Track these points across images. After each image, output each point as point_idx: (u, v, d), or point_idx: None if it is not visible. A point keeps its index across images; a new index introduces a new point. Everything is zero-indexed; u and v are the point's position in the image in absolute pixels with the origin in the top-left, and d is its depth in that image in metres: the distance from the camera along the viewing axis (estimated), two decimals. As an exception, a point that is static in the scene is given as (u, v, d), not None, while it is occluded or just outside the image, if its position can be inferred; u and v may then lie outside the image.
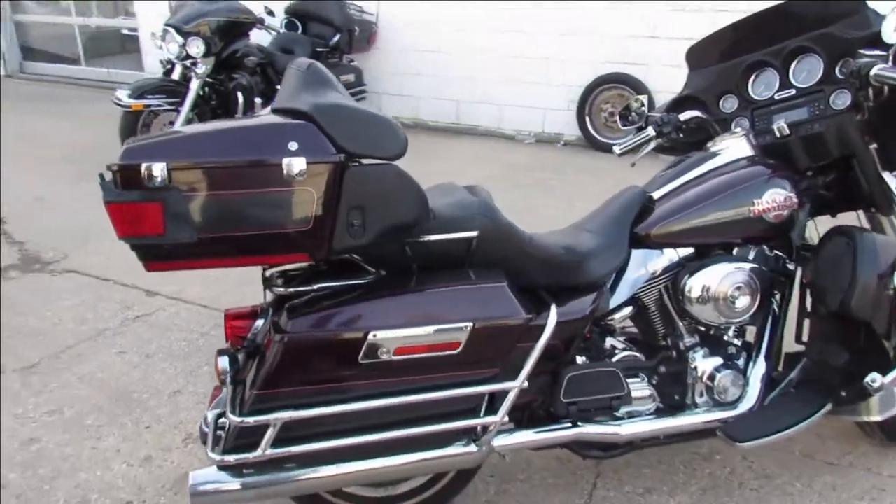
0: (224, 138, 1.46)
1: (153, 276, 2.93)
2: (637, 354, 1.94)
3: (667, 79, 5.50)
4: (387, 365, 1.51)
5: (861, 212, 2.07)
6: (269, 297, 1.70)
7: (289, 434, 1.51)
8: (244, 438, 1.50)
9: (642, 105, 2.23)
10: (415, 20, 6.40)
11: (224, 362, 1.54)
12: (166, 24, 4.80)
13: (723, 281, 1.83)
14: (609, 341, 1.95)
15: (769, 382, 1.95)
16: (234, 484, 1.57)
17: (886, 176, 1.95)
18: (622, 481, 2.12)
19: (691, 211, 1.87)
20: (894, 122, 1.87)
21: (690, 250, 1.92)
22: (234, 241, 1.45)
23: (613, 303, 1.90)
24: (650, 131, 2.16)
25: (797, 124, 1.96)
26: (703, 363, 1.91)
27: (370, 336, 1.49)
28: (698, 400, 1.93)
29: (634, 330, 2.02)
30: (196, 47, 4.70)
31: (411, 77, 6.59)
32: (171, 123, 4.87)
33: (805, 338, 2.04)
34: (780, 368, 2.04)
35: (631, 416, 1.88)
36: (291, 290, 1.62)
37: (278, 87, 5.47)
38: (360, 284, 1.62)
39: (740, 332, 1.99)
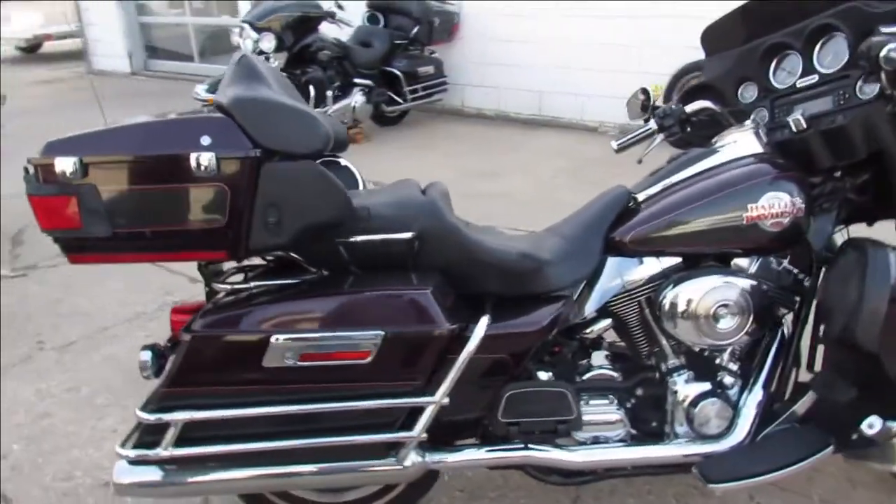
0: (140, 133, 1.45)
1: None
2: (612, 373, 1.75)
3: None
4: (291, 370, 1.44)
5: None
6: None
7: (193, 434, 1.48)
8: (149, 435, 1.48)
9: (646, 94, 2.00)
10: (498, 10, 6.25)
11: (146, 356, 1.53)
12: (242, 21, 4.97)
13: (705, 297, 1.61)
14: (582, 357, 1.78)
15: (767, 415, 1.70)
16: (156, 478, 1.56)
17: (918, 179, 1.63)
18: (602, 509, 1.94)
19: (674, 216, 1.66)
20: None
21: (677, 260, 1.70)
22: (148, 236, 1.43)
23: (587, 315, 1.73)
24: (652, 124, 1.94)
25: (817, 116, 1.68)
26: (686, 388, 1.70)
27: (272, 339, 1.42)
28: (678, 430, 1.72)
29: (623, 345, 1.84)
30: (268, 42, 4.83)
31: (493, 67, 6.45)
32: (246, 116, 5.03)
33: (818, 367, 1.77)
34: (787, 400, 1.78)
35: (597, 441, 1.71)
36: (226, 286, 1.60)
37: (356, 80, 5.57)
38: (289, 285, 1.57)
39: (739, 357, 1.75)
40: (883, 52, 1.41)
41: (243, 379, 1.46)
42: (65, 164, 1.38)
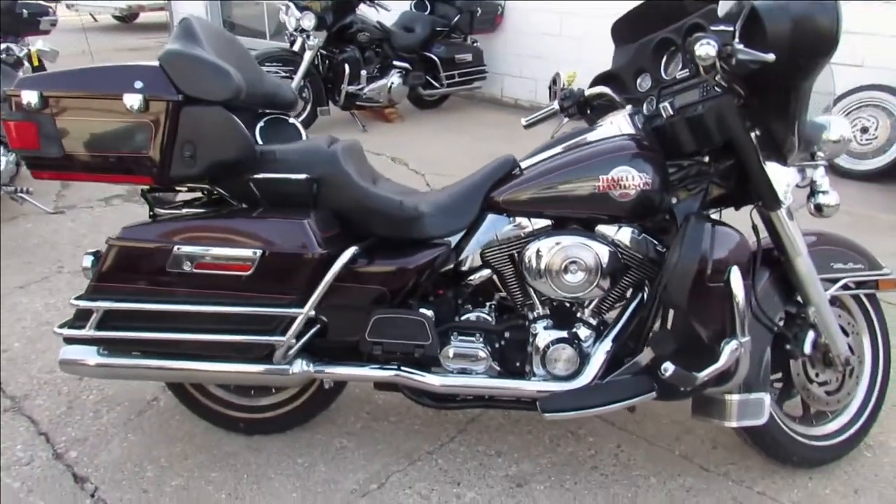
0: (90, 75, 1.81)
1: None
2: (486, 317, 2.00)
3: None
4: (189, 276, 1.77)
5: (753, 207, 1.92)
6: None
7: (113, 322, 1.83)
8: (80, 320, 1.84)
9: (554, 80, 2.22)
10: (541, 5, 6.43)
11: (87, 261, 1.88)
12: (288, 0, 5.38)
13: (557, 253, 1.84)
14: (462, 301, 2.03)
15: (615, 364, 1.91)
16: (92, 360, 1.93)
17: (769, 166, 1.80)
18: (479, 441, 2.18)
19: (541, 181, 1.89)
20: (771, 105, 1.73)
21: (547, 222, 1.93)
22: (91, 160, 1.79)
23: (466, 261, 1.99)
24: (555, 105, 2.16)
25: (685, 106, 1.87)
26: (543, 334, 1.93)
27: (174, 249, 1.76)
28: (537, 370, 1.95)
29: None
30: (308, 21, 5.20)
31: (532, 60, 6.64)
32: (285, 89, 5.44)
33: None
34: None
35: (463, 372, 1.96)
36: (163, 211, 1.95)
37: (395, 62, 5.89)
38: (206, 212, 1.90)
39: (600, 312, 1.96)
40: (696, 50, 1.60)
41: (151, 280, 1.79)
42: (29, 97, 1.75)
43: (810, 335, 1.92)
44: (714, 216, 1.96)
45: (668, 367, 1.75)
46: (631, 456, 2.13)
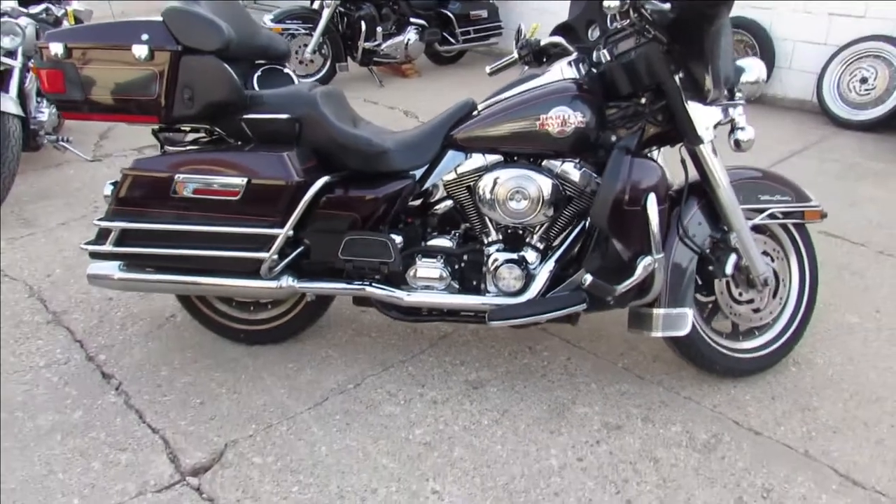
0: (106, 29, 2.14)
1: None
2: (447, 242, 2.28)
3: (793, 25, 5.15)
4: (189, 200, 2.10)
5: (681, 144, 2.14)
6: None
7: (130, 241, 2.17)
8: (100, 238, 2.20)
9: (517, 31, 2.44)
10: (557, -41, 6.52)
11: (107, 189, 2.23)
12: (307, -41, 5.62)
13: (502, 184, 2.10)
14: (428, 229, 2.32)
15: (558, 282, 2.19)
16: (115, 275, 2.29)
17: (691, 105, 2.02)
18: (447, 353, 2.49)
19: (491, 119, 2.15)
20: (689, 50, 1.94)
21: (499, 158, 2.19)
22: (107, 102, 2.12)
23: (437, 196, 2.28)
24: (514, 54, 2.40)
25: (620, 53, 2.10)
26: (495, 256, 2.21)
27: (176, 177, 2.08)
28: (490, 288, 2.23)
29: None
30: (324, -22, 5.46)
31: (548, 15, 6.74)
32: (305, 46, 5.72)
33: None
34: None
35: (427, 289, 2.26)
36: (170, 147, 2.28)
37: (411, 18, 6.11)
38: (204, 147, 2.23)
39: (547, 238, 2.23)
40: (604, 1, 1.83)
41: (158, 204, 2.13)
42: (56, 48, 2.08)
43: (732, 258, 2.16)
44: (654, 153, 2.22)
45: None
46: (578, 367, 2.41)
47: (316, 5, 5.72)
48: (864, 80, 4.70)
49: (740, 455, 2.02)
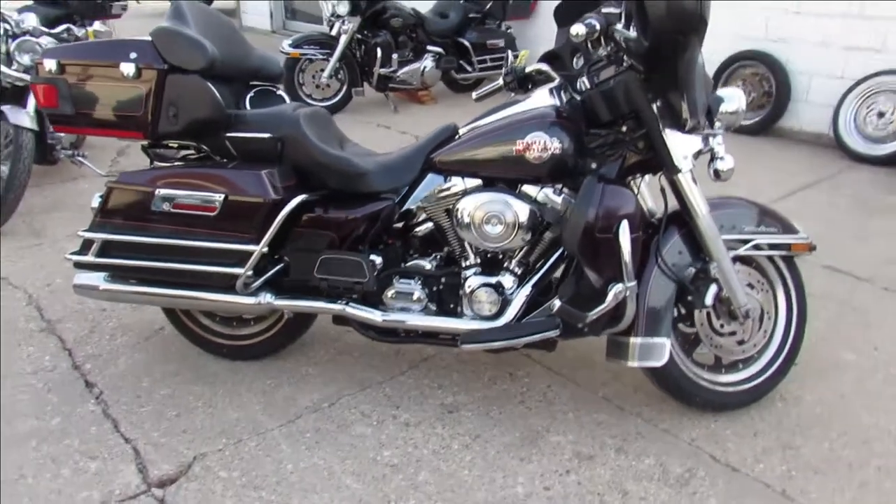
0: (97, 47, 2.22)
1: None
2: (426, 264, 2.28)
3: (810, 58, 5.10)
4: (168, 214, 2.13)
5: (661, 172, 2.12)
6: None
7: (112, 252, 2.21)
8: (84, 248, 2.24)
9: (507, 59, 2.44)
10: (576, -10, 6.57)
11: (95, 200, 2.27)
12: (325, -14, 5.74)
13: (478, 208, 2.10)
14: (408, 250, 2.32)
15: (534, 307, 2.16)
16: (100, 286, 2.33)
17: (669, 134, 2.00)
18: (426, 375, 2.48)
19: (469, 144, 2.16)
20: (665, 78, 1.93)
21: (478, 182, 2.19)
22: (95, 116, 2.18)
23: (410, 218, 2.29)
24: (499, 81, 2.40)
25: (600, 81, 2.10)
26: (472, 280, 2.19)
27: (156, 192, 2.12)
28: (466, 311, 2.22)
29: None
30: (343, 7, 5.55)
31: (567, 45, 6.78)
32: (322, 70, 5.82)
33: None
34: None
35: (404, 310, 2.25)
36: (158, 162, 2.32)
37: (428, 46, 6.19)
38: (186, 162, 2.27)
39: (525, 263, 2.21)
40: (571, 29, 1.84)
41: (139, 217, 2.16)
42: (50, 64, 2.15)
43: (712, 288, 2.12)
44: (638, 181, 2.20)
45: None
46: (557, 395, 2.38)
47: (334, 31, 5.83)
48: (881, 115, 4.62)
49: (714, 491, 1.96)
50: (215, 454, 2.10)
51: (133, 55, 2.11)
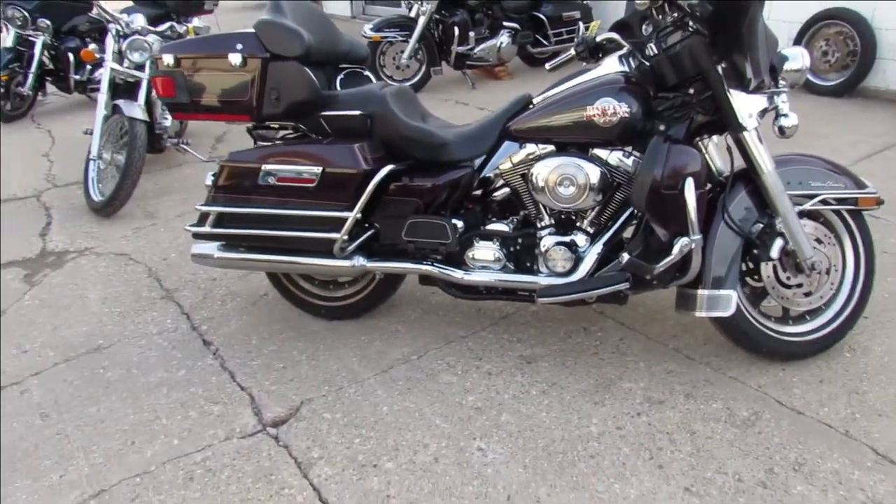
0: (208, 41, 2.49)
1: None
2: (503, 227, 2.46)
3: (896, 16, 4.93)
4: (273, 187, 2.40)
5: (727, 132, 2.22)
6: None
7: (226, 223, 2.50)
8: (201, 220, 2.54)
9: (585, 29, 2.57)
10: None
11: (208, 178, 2.57)
12: (407, -30, 5.95)
13: (552, 172, 2.26)
14: (486, 214, 2.51)
15: (606, 262, 2.32)
16: (215, 254, 2.63)
17: (733, 94, 2.10)
18: (506, 331, 2.67)
19: (542, 111, 2.32)
20: (729, 41, 2.03)
21: (551, 147, 2.35)
22: (208, 103, 2.47)
23: (488, 184, 2.47)
24: (571, 51, 2.54)
25: (667, 46, 2.21)
26: (546, 239, 2.37)
27: (262, 167, 2.39)
28: (542, 269, 2.39)
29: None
30: (422, -12, 5.77)
31: (641, 15, 6.74)
32: (402, 52, 6.05)
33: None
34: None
35: (484, 269, 2.45)
36: (264, 143, 2.60)
37: (504, 22, 6.32)
38: (287, 140, 2.53)
39: (597, 222, 2.36)
40: None
41: (248, 190, 2.44)
42: (167, 59, 2.45)
43: (778, 242, 2.22)
44: (705, 142, 2.31)
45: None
46: (630, 347, 2.53)
47: (413, 13, 6.04)
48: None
49: (778, 431, 2.08)
50: (320, 399, 2.37)
51: (239, 46, 2.38)
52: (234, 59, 2.37)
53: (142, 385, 2.51)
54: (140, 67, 4.21)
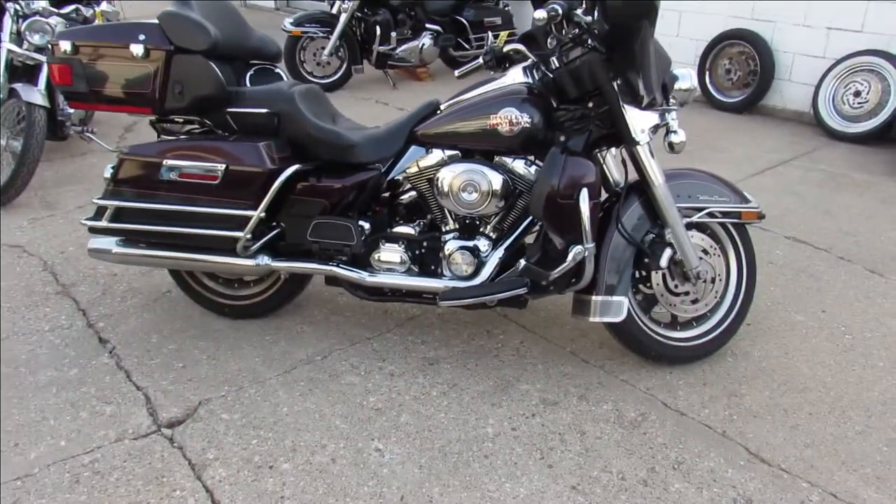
0: (109, 29, 2.42)
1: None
2: (410, 230, 2.49)
3: (793, 37, 5.26)
4: (174, 183, 2.35)
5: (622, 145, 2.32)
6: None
7: (123, 218, 2.43)
8: (98, 214, 2.46)
9: (494, 38, 2.63)
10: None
11: (107, 171, 2.48)
12: (326, -34, 5.90)
13: (456, 177, 2.31)
14: (393, 216, 2.53)
15: (506, 268, 2.38)
16: (113, 249, 2.55)
17: (627, 109, 2.20)
18: (411, 333, 2.71)
19: (448, 118, 2.36)
20: (624, 59, 2.13)
21: (457, 152, 2.40)
22: (107, 94, 2.39)
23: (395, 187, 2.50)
24: (479, 60, 2.60)
25: (568, 60, 2.29)
26: (451, 244, 2.41)
27: (164, 162, 2.34)
28: (446, 272, 2.44)
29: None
30: (343, -14, 5.73)
31: (561, 24, 6.92)
32: (323, 49, 6.00)
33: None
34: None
35: (389, 271, 2.47)
36: (167, 137, 2.53)
37: (427, 24, 6.32)
38: (191, 136, 2.48)
39: (499, 227, 2.42)
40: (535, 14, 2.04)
41: (148, 185, 2.38)
42: (65, 45, 2.36)
43: (667, 252, 2.34)
44: (603, 153, 2.40)
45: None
46: (529, 349, 2.61)
47: (335, 10, 6.00)
48: (857, 94, 4.80)
49: (662, 432, 2.19)
50: (218, 399, 2.34)
51: (142, 37, 2.32)
52: (136, 49, 2.31)
53: (30, 384, 2.41)
54: (41, 50, 4.01)
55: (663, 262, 2.33)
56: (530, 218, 2.39)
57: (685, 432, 2.19)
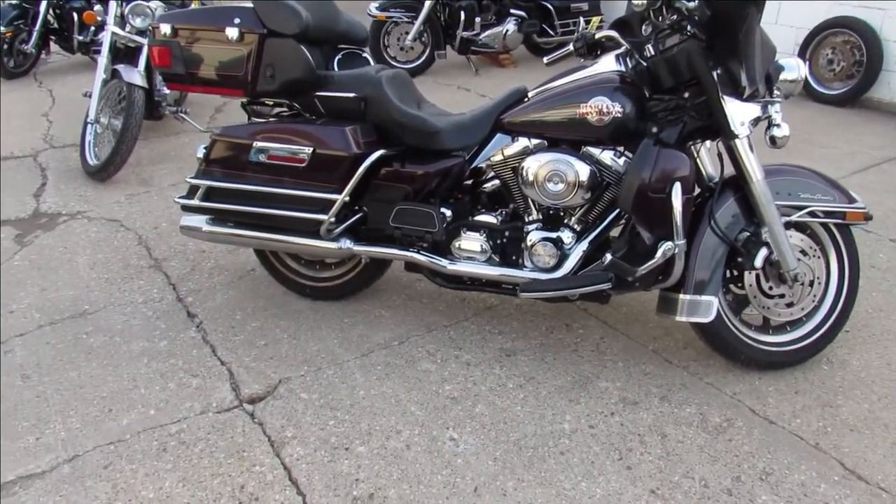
0: (206, 13, 2.48)
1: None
2: (492, 219, 2.46)
3: (906, 27, 4.90)
4: (264, 165, 2.40)
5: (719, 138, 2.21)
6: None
7: (215, 197, 2.50)
8: (191, 193, 2.54)
9: (586, 24, 2.57)
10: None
11: (200, 151, 2.56)
12: (414, -49, 5.89)
13: (542, 167, 2.26)
14: (475, 205, 2.51)
15: (590, 262, 2.32)
16: (203, 227, 2.63)
17: (727, 100, 2.09)
18: (489, 322, 2.68)
19: (536, 106, 2.31)
20: (727, 44, 2.02)
21: (544, 142, 2.35)
22: (203, 75, 2.46)
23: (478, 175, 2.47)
24: (570, 47, 2.52)
25: (665, 48, 2.20)
26: (534, 234, 2.37)
27: (254, 144, 2.38)
28: (527, 263, 2.40)
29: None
30: (428, -29, 5.71)
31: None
32: (407, 34, 6.01)
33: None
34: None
35: (470, 259, 2.45)
36: (258, 119, 2.59)
37: (511, 10, 6.27)
38: (280, 119, 2.52)
39: (585, 220, 2.36)
40: None
41: (239, 166, 2.44)
42: (164, 29, 2.43)
43: (762, 252, 2.22)
44: (697, 146, 2.30)
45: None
46: (609, 346, 2.54)
47: (420, -6, 5.99)
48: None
49: (748, 440, 2.09)
50: (298, 378, 2.39)
51: (237, 20, 2.37)
52: (231, 32, 2.36)
53: (123, 353, 2.52)
54: (142, 33, 4.17)
55: (758, 262, 2.22)
56: (616, 211, 2.32)
57: (774, 442, 2.08)
